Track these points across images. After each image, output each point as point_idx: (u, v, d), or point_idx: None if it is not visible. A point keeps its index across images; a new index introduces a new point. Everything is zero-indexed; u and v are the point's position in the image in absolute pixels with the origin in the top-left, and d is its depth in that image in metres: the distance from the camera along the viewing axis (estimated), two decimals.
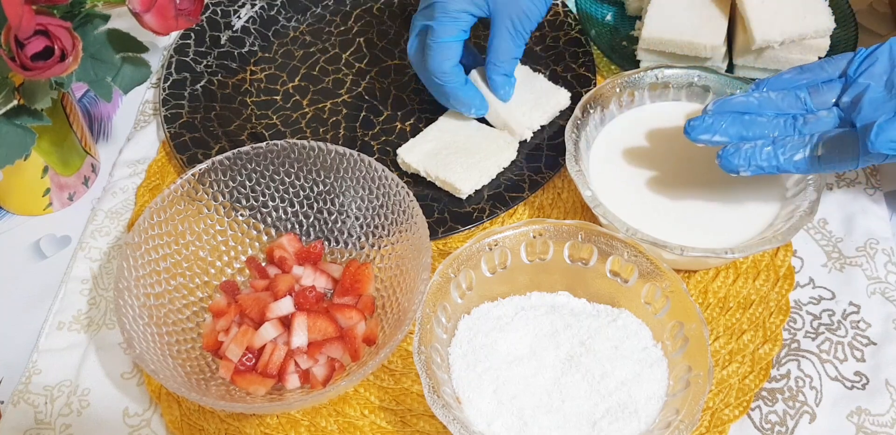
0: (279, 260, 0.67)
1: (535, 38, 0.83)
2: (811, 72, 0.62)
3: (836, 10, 0.81)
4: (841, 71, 0.61)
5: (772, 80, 0.62)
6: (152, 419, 0.63)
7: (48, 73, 0.56)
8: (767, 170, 0.59)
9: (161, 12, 0.61)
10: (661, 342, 0.60)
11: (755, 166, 0.59)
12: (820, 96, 0.61)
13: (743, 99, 0.61)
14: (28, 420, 0.63)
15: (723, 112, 0.61)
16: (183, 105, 0.79)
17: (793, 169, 0.59)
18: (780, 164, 0.58)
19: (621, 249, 0.61)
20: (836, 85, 0.61)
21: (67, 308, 0.69)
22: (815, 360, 0.64)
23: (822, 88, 0.61)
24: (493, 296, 0.63)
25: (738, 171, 0.59)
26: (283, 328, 0.63)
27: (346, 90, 0.81)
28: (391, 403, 0.63)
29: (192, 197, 0.66)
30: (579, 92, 0.77)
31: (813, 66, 0.62)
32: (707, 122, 0.60)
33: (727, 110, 0.61)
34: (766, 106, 0.61)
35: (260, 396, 0.60)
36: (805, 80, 0.62)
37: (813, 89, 0.61)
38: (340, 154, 0.66)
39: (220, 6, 0.85)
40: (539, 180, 0.72)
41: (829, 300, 0.67)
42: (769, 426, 0.61)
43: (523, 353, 0.60)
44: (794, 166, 0.58)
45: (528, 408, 0.57)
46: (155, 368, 0.57)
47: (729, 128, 0.60)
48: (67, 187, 0.74)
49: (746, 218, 0.65)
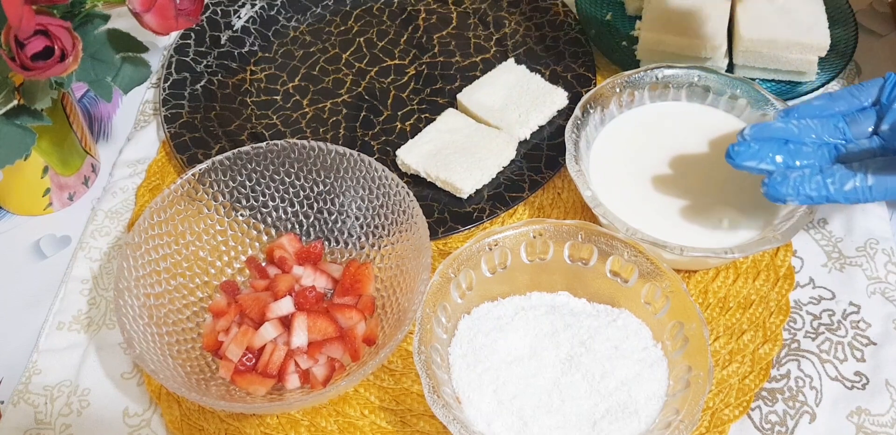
0: (279, 260, 0.67)
1: (535, 38, 0.83)
2: (843, 100, 0.60)
3: (836, 10, 0.81)
4: (874, 98, 0.60)
5: (802, 107, 0.61)
6: (152, 419, 0.63)
7: (48, 73, 0.56)
8: (816, 200, 0.57)
9: (161, 12, 0.61)
10: (661, 342, 0.60)
11: (804, 196, 0.57)
12: (858, 126, 0.59)
13: (782, 126, 0.60)
14: (28, 420, 0.63)
15: (763, 139, 0.60)
16: (183, 105, 0.79)
17: (842, 199, 0.56)
18: (831, 195, 0.56)
19: (621, 248, 0.61)
20: (871, 113, 0.60)
21: (67, 308, 0.69)
22: (815, 360, 0.64)
23: (858, 118, 0.60)
24: (493, 296, 0.63)
25: (786, 200, 0.57)
26: (283, 328, 0.63)
27: (346, 90, 0.81)
28: (391, 403, 0.63)
29: (192, 197, 0.66)
30: (579, 92, 0.77)
31: (843, 94, 0.61)
32: (753, 148, 0.59)
33: (766, 137, 0.60)
34: (806, 133, 0.60)
35: (260, 396, 0.60)
36: (837, 108, 0.60)
37: (850, 118, 0.60)
38: (340, 154, 0.66)
39: (220, 6, 0.85)
40: (539, 180, 0.72)
41: (829, 300, 0.67)
42: (769, 426, 0.61)
43: (523, 353, 0.60)
44: (844, 196, 0.56)
45: (528, 408, 0.57)
46: (155, 368, 0.57)
47: (775, 156, 0.59)
48: (67, 187, 0.74)
49: (747, 218, 0.65)
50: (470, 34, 0.85)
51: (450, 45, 0.84)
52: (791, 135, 0.60)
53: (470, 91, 0.77)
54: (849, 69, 0.82)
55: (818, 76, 0.78)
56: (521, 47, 0.83)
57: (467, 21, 0.86)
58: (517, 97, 0.76)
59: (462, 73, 0.82)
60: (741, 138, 0.61)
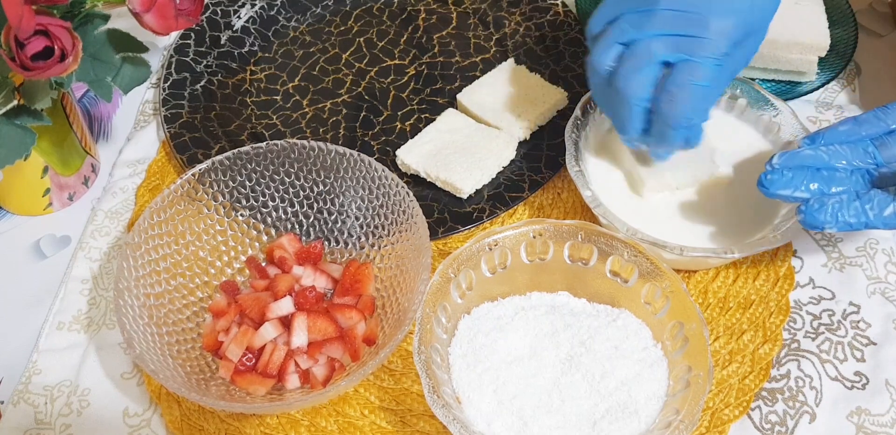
0: (279, 260, 0.67)
1: (535, 38, 0.83)
2: (868, 123, 0.59)
3: (836, 10, 0.81)
4: None
5: (828, 132, 0.60)
6: (152, 419, 0.63)
7: (48, 73, 0.56)
8: (855, 226, 0.56)
9: (161, 12, 0.61)
10: (661, 342, 0.60)
11: (843, 223, 0.56)
12: (888, 150, 0.58)
13: (811, 153, 0.59)
14: (28, 420, 0.63)
15: (793, 167, 0.59)
16: (183, 105, 0.79)
17: (881, 225, 0.56)
18: (870, 221, 0.55)
19: (621, 249, 0.61)
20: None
21: (67, 308, 0.69)
22: (815, 360, 0.64)
23: (888, 141, 0.58)
24: (493, 296, 0.63)
25: (824, 227, 0.56)
26: (283, 328, 0.63)
27: (346, 90, 0.81)
28: (391, 403, 0.63)
29: (192, 197, 0.66)
30: (579, 92, 0.77)
31: (869, 118, 0.59)
32: (787, 177, 0.58)
33: (797, 164, 0.59)
34: (836, 159, 0.59)
35: (260, 396, 0.60)
36: (864, 132, 0.59)
37: (879, 143, 0.58)
38: (340, 154, 0.66)
39: (220, 6, 0.85)
40: (539, 180, 0.72)
41: (829, 300, 0.67)
42: (769, 426, 0.61)
43: (523, 353, 0.60)
44: (884, 222, 0.55)
45: (528, 408, 0.57)
46: (155, 368, 0.57)
47: (809, 183, 0.58)
48: (67, 187, 0.74)
49: (746, 218, 0.65)
50: (470, 34, 0.85)
51: (450, 45, 0.84)
52: (821, 161, 0.58)
53: (470, 91, 0.77)
54: (849, 69, 0.82)
55: (818, 76, 0.78)
56: (521, 47, 0.83)
57: (467, 21, 0.86)
58: (517, 97, 0.76)
59: (462, 73, 0.82)
60: (770, 167, 0.59)
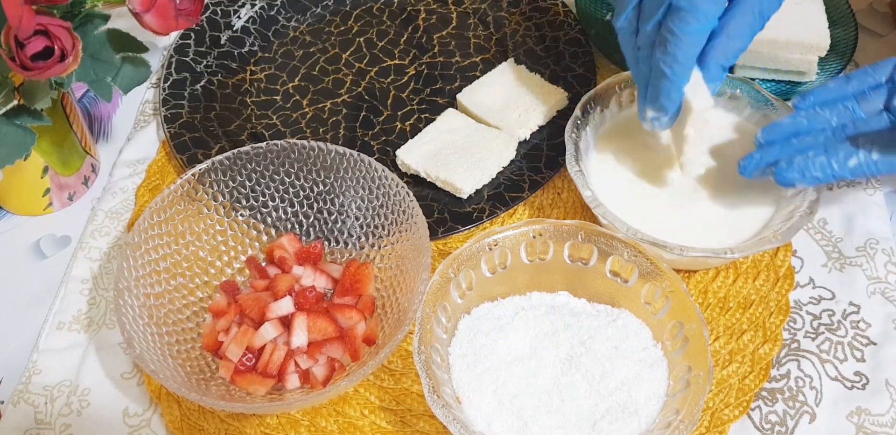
0: (279, 260, 0.67)
1: (535, 38, 0.83)
2: (857, 79, 0.60)
3: (836, 10, 0.81)
4: (888, 75, 0.60)
5: (817, 91, 0.61)
6: (152, 419, 0.63)
7: (48, 73, 0.56)
8: (823, 179, 0.58)
9: (161, 12, 0.61)
10: (661, 342, 0.60)
11: (811, 177, 0.58)
12: (868, 103, 0.60)
13: (790, 120, 0.61)
14: (28, 420, 0.63)
15: (772, 141, 0.61)
16: (183, 105, 0.79)
17: (849, 175, 0.58)
18: (836, 172, 0.58)
19: (621, 249, 0.61)
20: (883, 90, 0.60)
21: (67, 308, 0.69)
22: (815, 360, 0.64)
23: (869, 95, 0.60)
24: (493, 296, 0.63)
25: (795, 184, 0.59)
26: (283, 328, 0.63)
27: (346, 90, 0.81)
28: (391, 403, 0.63)
29: (192, 197, 0.66)
30: (579, 92, 0.77)
31: (858, 74, 0.60)
32: (755, 158, 0.60)
33: (777, 137, 0.61)
34: (816, 122, 0.60)
35: (260, 396, 0.60)
36: (851, 88, 0.60)
37: (860, 97, 0.60)
38: (340, 154, 0.66)
39: (220, 6, 0.85)
40: (539, 180, 0.72)
41: (829, 300, 0.67)
42: (769, 426, 0.61)
43: (523, 353, 0.60)
44: (851, 172, 0.58)
45: (528, 408, 0.57)
46: (155, 368, 0.57)
47: (779, 156, 0.60)
48: (67, 187, 0.74)
49: (746, 218, 0.65)
50: (470, 34, 0.85)
51: (450, 45, 0.84)
52: (801, 127, 0.60)
53: (470, 91, 0.77)
54: (849, 69, 0.82)
55: (818, 76, 0.78)
56: (521, 47, 0.83)
57: (467, 21, 0.86)
58: (517, 97, 0.76)
59: (462, 73, 0.82)
60: (757, 144, 0.61)
